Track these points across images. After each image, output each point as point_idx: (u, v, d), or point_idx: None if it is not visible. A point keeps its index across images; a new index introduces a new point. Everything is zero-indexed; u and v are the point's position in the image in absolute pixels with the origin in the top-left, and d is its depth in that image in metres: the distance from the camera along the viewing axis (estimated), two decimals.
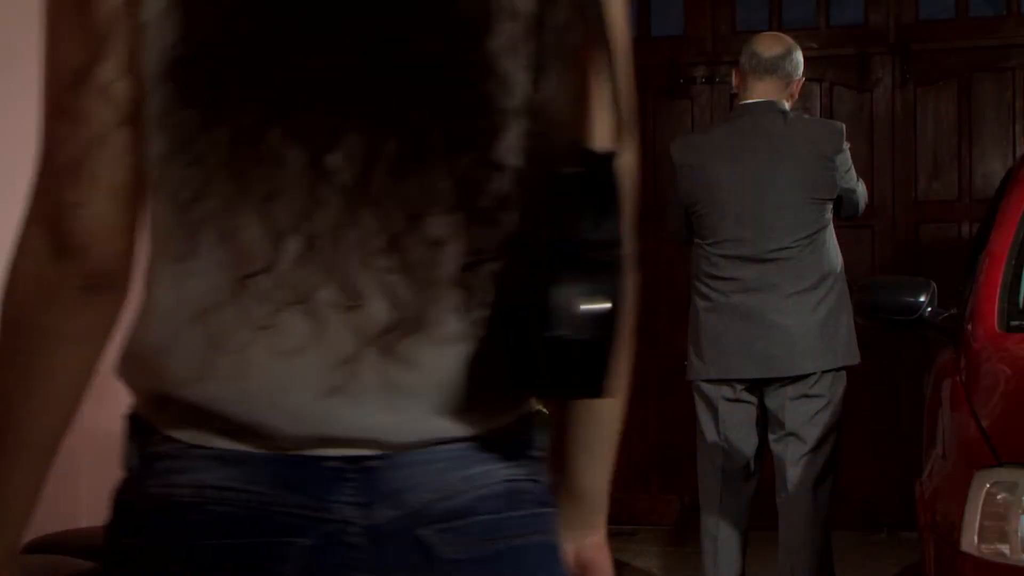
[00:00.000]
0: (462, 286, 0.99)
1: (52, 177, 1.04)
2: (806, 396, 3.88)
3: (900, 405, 5.70)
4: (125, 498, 1.06)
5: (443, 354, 1.00)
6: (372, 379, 0.99)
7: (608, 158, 1.02)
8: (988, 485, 2.43)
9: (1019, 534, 2.38)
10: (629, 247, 1.02)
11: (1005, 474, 2.43)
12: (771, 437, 3.97)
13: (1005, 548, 2.39)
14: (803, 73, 4.02)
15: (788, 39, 4.05)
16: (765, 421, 3.99)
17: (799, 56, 3.99)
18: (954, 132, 5.86)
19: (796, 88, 4.01)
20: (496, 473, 1.06)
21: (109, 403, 3.60)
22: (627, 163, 1.07)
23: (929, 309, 3.27)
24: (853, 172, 4.01)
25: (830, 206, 3.95)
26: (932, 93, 5.88)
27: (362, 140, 0.96)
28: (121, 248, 1.03)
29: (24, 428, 1.06)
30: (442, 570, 1.02)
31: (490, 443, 1.05)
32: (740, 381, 3.94)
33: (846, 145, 3.97)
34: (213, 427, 1.00)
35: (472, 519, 1.04)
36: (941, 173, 5.89)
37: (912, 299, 3.28)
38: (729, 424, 3.97)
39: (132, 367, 1.06)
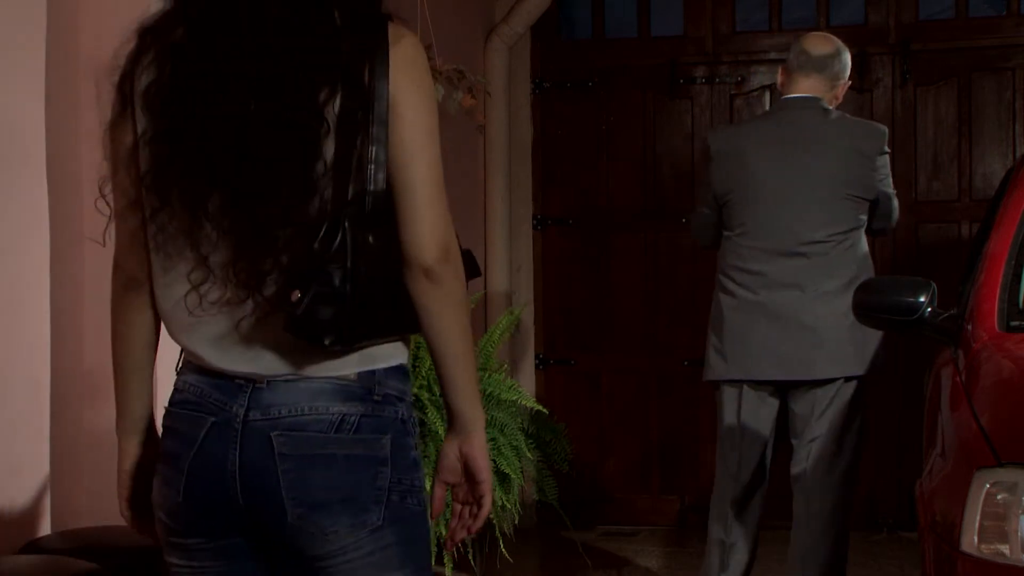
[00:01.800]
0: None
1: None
2: (835, 399, 3.82)
3: (900, 405, 5.70)
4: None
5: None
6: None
7: (347, 205, 1.69)
8: (988, 485, 2.43)
9: (1019, 534, 2.38)
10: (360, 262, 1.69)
11: (1005, 474, 2.43)
12: (793, 440, 3.90)
13: (1005, 548, 2.39)
14: (849, 77, 3.99)
15: (838, 40, 4.03)
16: (784, 423, 3.94)
17: (847, 58, 3.98)
18: (954, 132, 5.86)
19: (841, 91, 3.97)
20: (332, 405, 1.74)
21: (108, 407, 3.59)
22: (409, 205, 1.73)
23: (929, 309, 3.27)
24: (890, 180, 3.96)
25: (866, 207, 3.90)
26: (932, 93, 5.88)
27: (228, 224, 1.71)
28: (139, 269, 1.86)
29: (121, 362, 1.94)
30: (275, 457, 1.73)
31: (338, 384, 1.74)
32: (763, 383, 3.89)
33: (887, 149, 3.94)
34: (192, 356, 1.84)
35: (303, 432, 1.73)
36: (941, 173, 5.89)
37: (912, 299, 3.28)
38: (751, 431, 3.90)
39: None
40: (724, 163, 3.94)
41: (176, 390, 1.84)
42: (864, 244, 3.91)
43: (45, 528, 3.20)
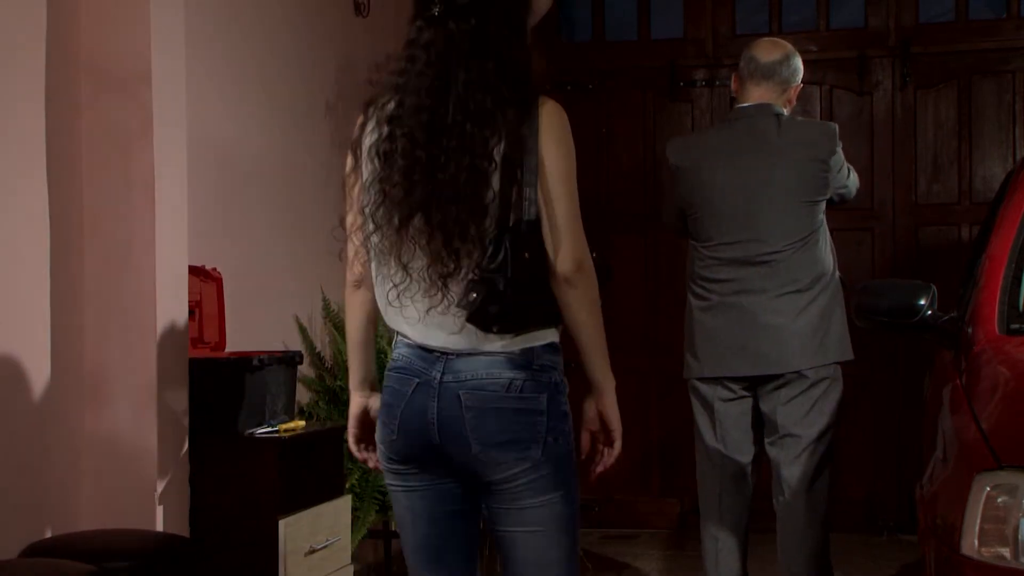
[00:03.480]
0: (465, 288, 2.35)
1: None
2: (799, 396, 3.88)
3: (900, 408, 5.70)
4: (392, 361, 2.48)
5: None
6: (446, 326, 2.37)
7: (507, 231, 2.32)
8: (988, 488, 2.43)
9: (1019, 537, 2.38)
10: (517, 271, 2.33)
11: (1005, 477, 2.43)
12: (767, 440, 3.97)
13: (1005, 551, 2.39)
14: (801, 79, 4.02)
15: (787, 45, 4.04)
16: (760, 423, 3.99)
17: (798, 62, 4.00)
18: (954, 135, 5.86)
19: (794, 94, 4.02)
20: (504, 372, 2.35)
21: (108, 410, 3.59)
22: (549, 229, 2.36)
23: (929, 312, 3.27)
24: (845, 168, 4.02)
25: (823, 205, 3.96)
26: (932, 96, 5.89)
27: (428, 237, 2.32)
28: (363, 273, 2.51)
29: (350, 338, 2.61)
30: (462, 408, 2.34)
31: (507, 358, 2.36)
32: (735, 380, 3.94)
33: (839, 145, 3.97)
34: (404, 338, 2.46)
35: (483, 391, 2.35)
36: (941, 176, 5.90)
37: (912, 302, 3.28)
38: (727, 425, 3.97)
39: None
40: (685, 178, 4.01)
41: (393, 360, 2.47)
42: (824, 241, 3.96)
43: (45, 531, 3.20)
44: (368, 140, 2.42)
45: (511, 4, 2.41)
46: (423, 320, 2.38)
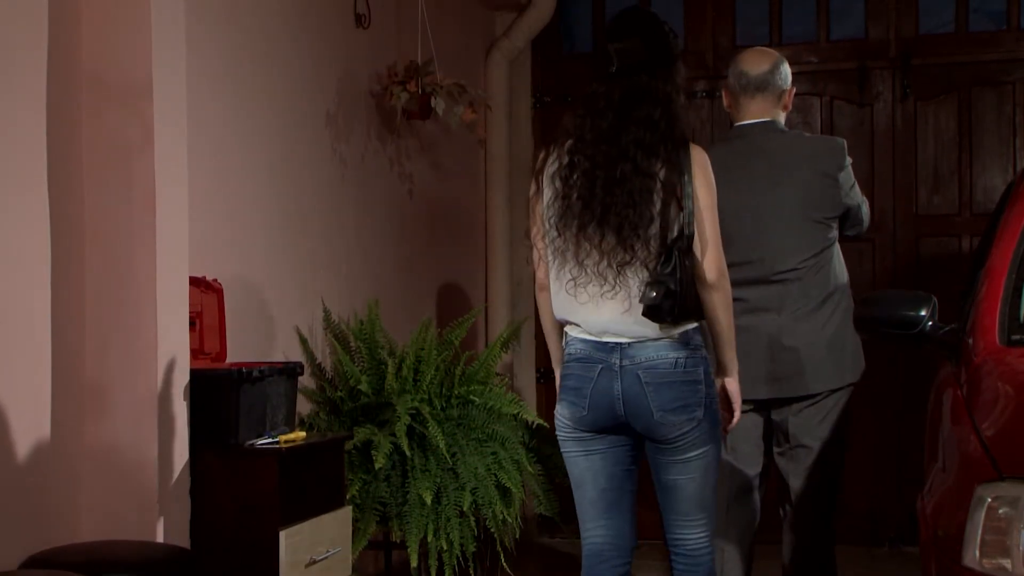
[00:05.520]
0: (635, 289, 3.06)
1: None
2: (812, 407, 3.86)
3: (901, 419, 5.69)
4: (567, 353, 3.18)
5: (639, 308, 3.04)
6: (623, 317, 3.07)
7: (675, 242, 3.02)
8: (990, 500, 2.43)
9: (1021, 548, 2.38)
10: (685, 274, 3.03)
11: (1007, 488, 2.43)
12: (776, 451, 3.95)
13: (1007, 563, 2.38)
14: (792, 82, 3.98)
15: (772, 52, 4.01)
16: (770, 435, 3.98)
17: (786, 67, 3.95)
18: (954, 146, 5.87)
19: (788, 99, 3.97)
20: (670, 353, 3.04)
21: (108, 421, 3.58)
22: (699, 247, 3.07)
23: (930, 323, 3.26)
24: (857, 188, 3.96)
25: (835, 223, 3.92)
26: (932, 107, 5.89)
27: (601, 237, 3.03)
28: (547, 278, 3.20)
29: (546, 327, 3.31)
30: (642, 384, 3.04)
31: (670, 341, 3.05)
32: (747, 400, 3.91)
33: (848, 161, 3.93)
34: (578, 329, 3.15)
35: (657, 368, 3.04)
36: (941, 187, 5.90)
37: (913, 313, 3.27)
38: (737, 438, 3.93)
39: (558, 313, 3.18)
40: None
41: (569, 353, 3.13)
42: (837, 258, 3.93)
43: (45, 543, 3.20)
44: (551, 169, 3.10)
45: (668, 65, 3.10)
46: (596, 307, 3.04)
